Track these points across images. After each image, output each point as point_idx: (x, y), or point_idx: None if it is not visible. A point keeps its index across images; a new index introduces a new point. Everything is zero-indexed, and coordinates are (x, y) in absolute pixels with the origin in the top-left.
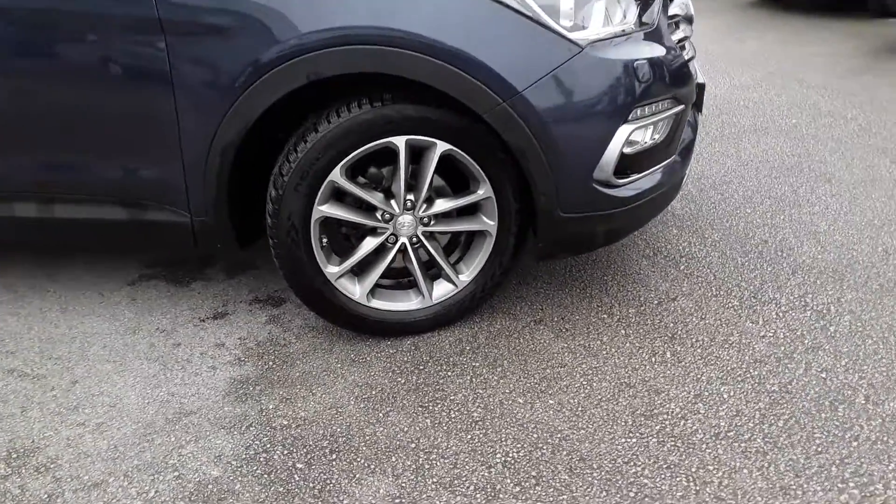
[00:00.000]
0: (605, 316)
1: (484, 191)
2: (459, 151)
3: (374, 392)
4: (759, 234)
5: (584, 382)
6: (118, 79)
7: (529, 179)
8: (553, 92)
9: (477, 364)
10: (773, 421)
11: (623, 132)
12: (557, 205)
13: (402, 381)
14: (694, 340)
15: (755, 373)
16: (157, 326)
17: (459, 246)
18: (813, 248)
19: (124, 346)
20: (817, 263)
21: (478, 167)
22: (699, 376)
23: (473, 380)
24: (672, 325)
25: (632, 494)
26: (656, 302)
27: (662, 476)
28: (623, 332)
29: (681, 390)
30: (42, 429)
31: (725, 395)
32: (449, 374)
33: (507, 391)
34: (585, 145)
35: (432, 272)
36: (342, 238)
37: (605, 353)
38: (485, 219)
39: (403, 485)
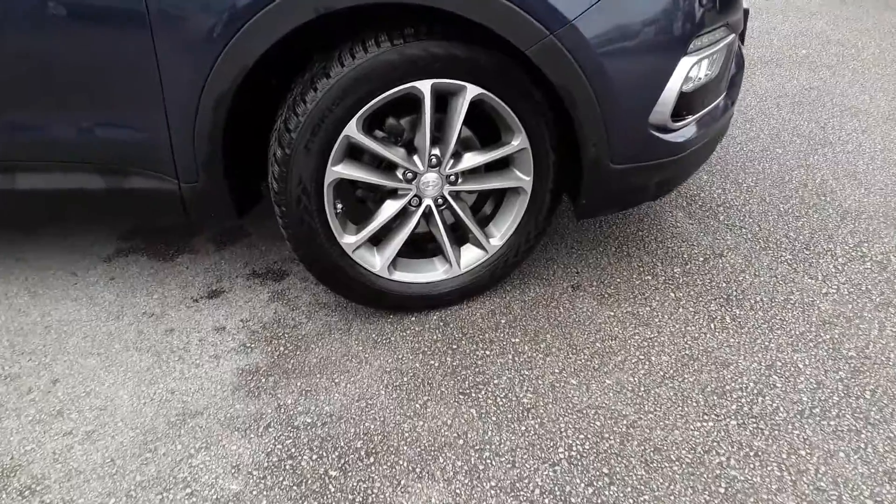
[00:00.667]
0: (650, 277)
1: (519, 142)
2: (492, 96)
3: (405, 379)
4: (796, 176)
5: (640, 357)
6: (81, 17)
7: (577, 127)
8: (608, 20)
9: (517, 340)
10: (858, 393)
11: (684, 66)
12: (609, 155)
13: (436, 365)
14: (752, 301)
15: (826, 336)
16: (143, 310)
17: (485, 206)
18: (856, 191)
19: (108, 334)
20: (864, 207)
21: (513, 114)
22: (767, 343)
23: (516, 359)
24: (724, 284)
25: (721, 490)
26: (702, 259)
27: (751, 466)
28: (672, 294)
29: (751, 361)
30: (22, 441)
31: (801, 365)
32: (487, 353)
33: (557, 371)
34: (643, 83)
35: (458, 236)
36: (357, 203)
37: (657, 320)
38: (518, 173)
39: (458, 491)
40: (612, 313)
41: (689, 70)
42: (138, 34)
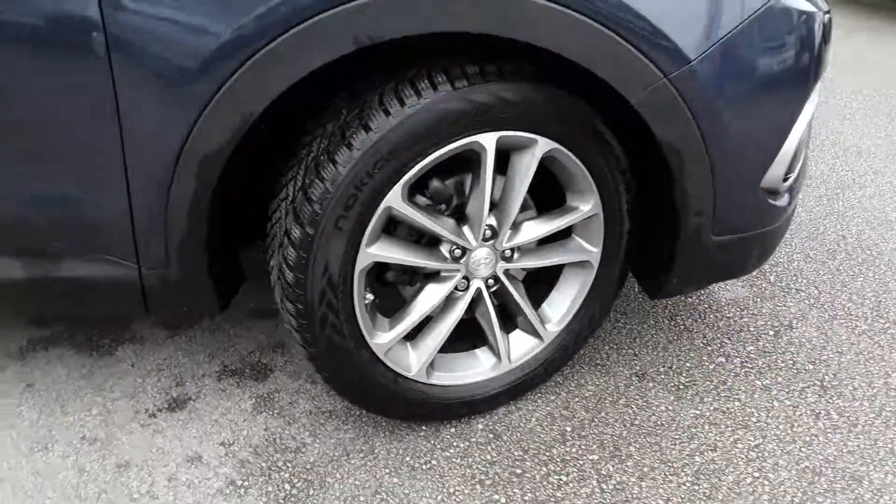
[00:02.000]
0: (722, 359)
1: (591, 206)
2: (566, 151)
3: None
4: (830, 226)
5: (755, 475)
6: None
7: (678, 192)
8: (734, 60)
9: (595, 457)
10: None
11: (806, 115)
12: (712, 225)
13: (503, 501)
14: (851, 388)
15: None
16: (80, 433)
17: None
18: None
19: (34, 475)
20: None
21: (587, 173)
22: (892, 447)
23: (604, 486)
24: (811, 366)
25: None
26: (772, 332)
27: None
28: (758, 382)
29: (883, 472)
30: None
31: None
32: (564, 478)
33: (663, 503)
34: (764, 137)
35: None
36: (383, 288)
37: (755, 420)
38: (585, 244)
39: None
40: (698, 411)
41: (810, 120)
42: (89, 65)
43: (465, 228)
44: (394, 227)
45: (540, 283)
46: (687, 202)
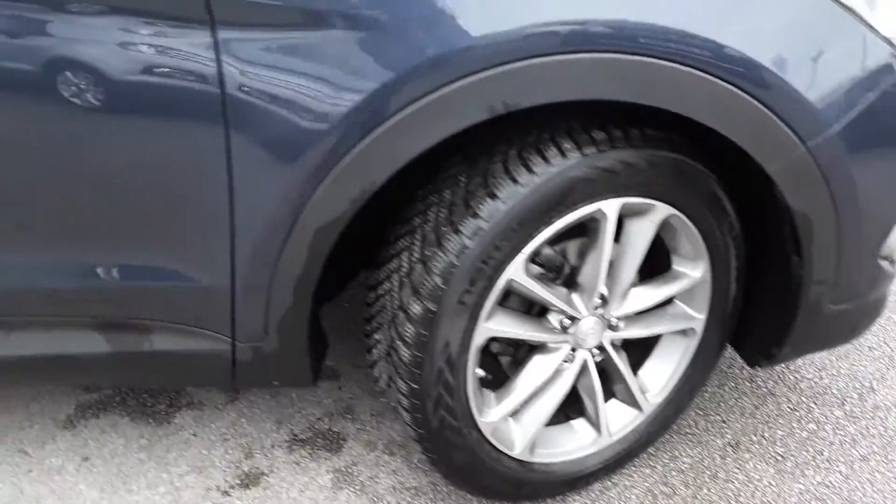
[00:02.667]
0: (813, 426)
1: (701, 272)
2: (682, 217)
3: None
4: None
5: None
6: (108, 104)
7: (804, 260)
8: (869, 128)
9: None
10: None
11: None
12: (830, 294)
13: None
14: None
15: None
16: None
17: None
18: None
19: None
20: None
21: (700, 238)
22: None
23: None
24: None
25: None
26: (856, 395)
27: None
28: (856, 452)
29: None
30: None
31: None
32: None
33: None
34: (889, 204)
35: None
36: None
37: (859, 494)
38: (690, 311)
39: None
40: (802, 486)
41: None
42: (204, 131)
43: (576, 297)
44: (504, 299)
45: (633, 350)
46: (811, 271)
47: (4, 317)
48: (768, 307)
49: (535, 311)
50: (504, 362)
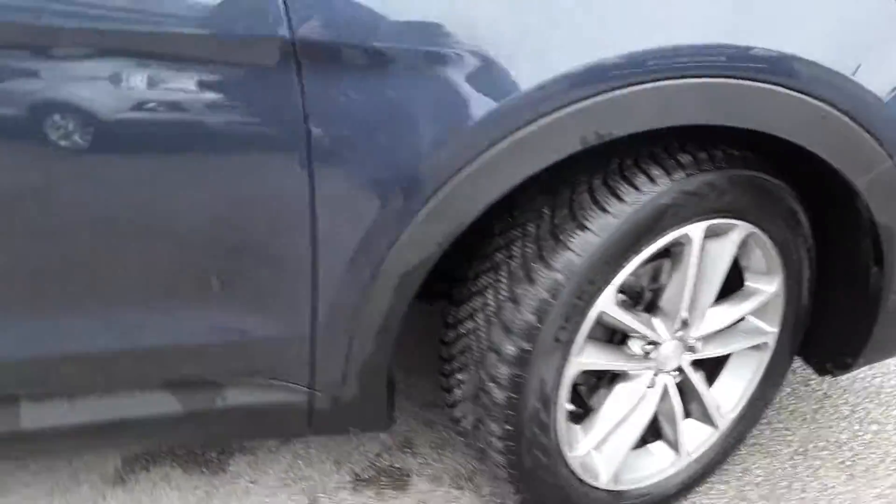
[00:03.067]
0: (875, 426)
1: (775, 287)
2: (761, 234)
3: None
4: None
5: None
6: (188, 150)
7: (885, 271)
8: None
9: None
10: None
11: None
12: None
13: None
14: None
15: None
16: None
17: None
18: None
19: None
20: None
21: (776, 253)
22: None
23: None
24: None
25: None
26: None
27: None
28: None
29: None
30: None
31: None
32: None
33: None
34: None
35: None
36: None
37: None
38: (763, 326)
39: None
40: (876, 490)
41: None
42: (288, 173)
43: (657, 322)
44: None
45: (706, 367)
46: (891, 281)
47: (68, 384)
48: (842, 317)
49: (616, 339)
50: (582, 392)
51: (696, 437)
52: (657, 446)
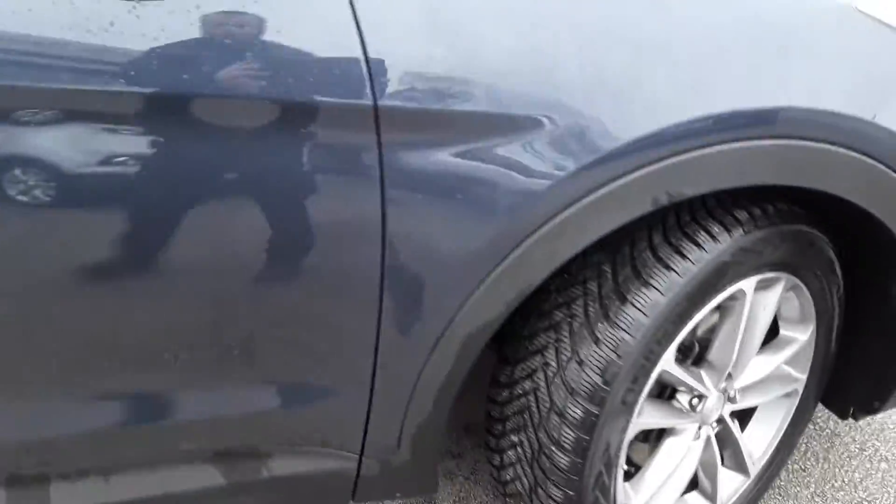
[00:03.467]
0: (884, 464)
1: (809, 335)
2: (801, 284)
3: None
4: None
5: None
6: (258, 218)
7: None
8: None
9: None
10: None
11: None
12: None
13: None
14: None
15: None
16: None
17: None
18: None
19: None
20: None
21: (812, 302)
22: None
23: None
24: None
25: None
26: None
27: None
28: None
29: None
30: None
31: None
32: None
33: None
34: None
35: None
36: None
37: None
38: (793, 373)
39: None
40: None
41: None
42: (360, 236)
43: (704, 375)
44: None
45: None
46: None
47: (104, 462)
48: (873, 362)
49: (664, 394)
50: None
51: (729, 486)
52: (693, 497)
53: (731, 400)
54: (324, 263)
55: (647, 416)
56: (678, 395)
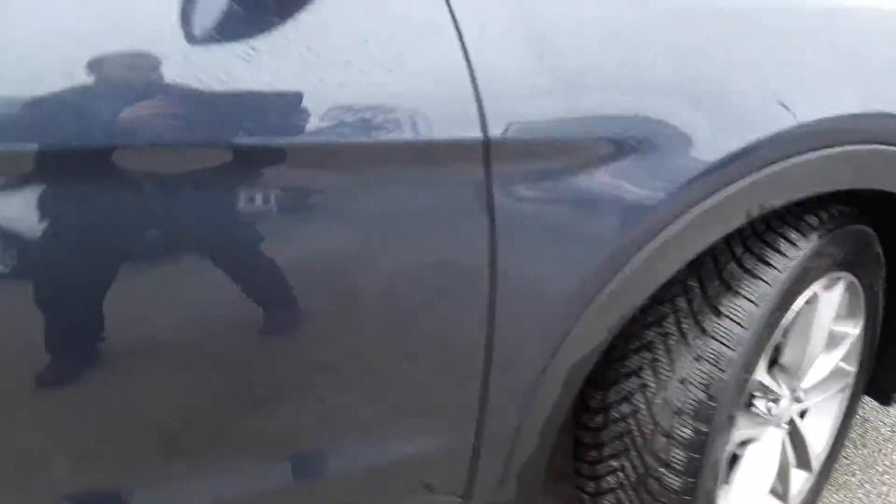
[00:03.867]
0: None
1: (860, 329)
2: (855, 281)
3: None
4: None
5: None
6: (370, 258)
7: None
8: None
9: None
10: None
11: None
12: None
13: None
14: None
15: None
16: None
17: None
18: None
19: None
20: None
21: (864, 297)
22: None
23: None
24: None
25: None
26: None
27: None
28: None
29: None
30: None
31: None
32: None
33: None
34: None
35: None
36: None
37: None
38: (845, 367)
39: None
40: None
41: None
42: (468, 270)
43: (780, 378)
44: None
45: None
46: None
47: None
48: None
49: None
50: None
51: (797, 484)
52: (767, 499)
53: (798, 400)
54: (433, 305)
55: (741, 427)
56: (755, 402)
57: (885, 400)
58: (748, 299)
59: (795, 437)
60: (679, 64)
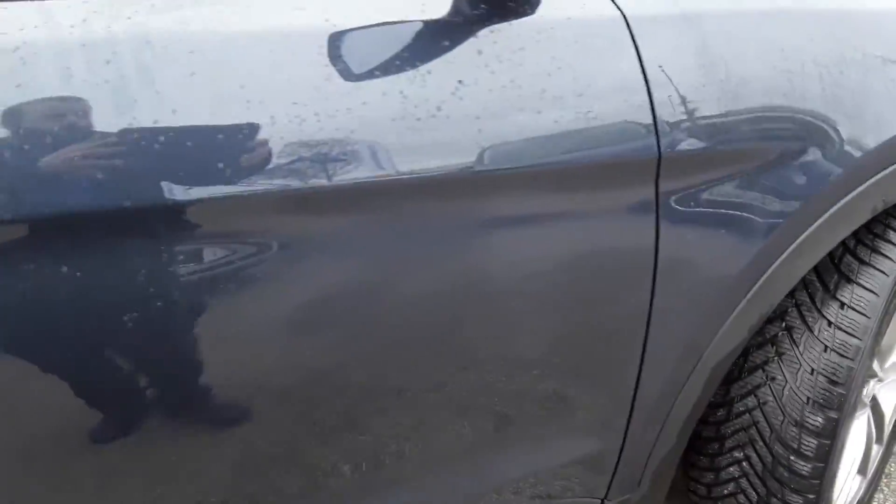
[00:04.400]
0: None
1: None
2: None
3: None
4: None
5: None
6: (543, 275)
7: None
8: None
9: None
10: None
11: None
12: None
13: None
14: None
15: None
16: None
17: None
18: None
19: None
20: None
21: None
22: None
23: None
24: None
25: None
26: None
27: None
28: None
29: None
30: None
31: None
32: None
33: None
34: None
35: None
36: None
37: None
38: None
39: None
40: None
41: None
42: (632, 282)
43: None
44: None
45: None
46: None
47: None
48: None
49: None
50: None
51: (871, 456)
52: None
53: (879, 379)
54: (600, 311)
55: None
56: None
57: None
58: (868, 290)
59: (876, 412)
60: (822, 72)
